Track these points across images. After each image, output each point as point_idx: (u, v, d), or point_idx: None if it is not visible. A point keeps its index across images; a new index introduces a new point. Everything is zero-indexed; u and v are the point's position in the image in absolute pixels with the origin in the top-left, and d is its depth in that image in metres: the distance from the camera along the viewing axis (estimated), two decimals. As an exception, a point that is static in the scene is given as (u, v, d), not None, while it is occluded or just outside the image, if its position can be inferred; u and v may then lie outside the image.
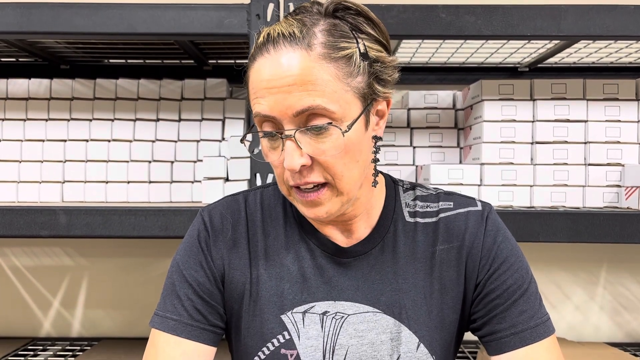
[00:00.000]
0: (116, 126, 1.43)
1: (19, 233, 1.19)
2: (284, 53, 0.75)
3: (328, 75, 0.74)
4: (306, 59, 0.74)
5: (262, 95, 0.76)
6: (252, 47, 0.85)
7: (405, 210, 0.88)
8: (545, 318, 0.85)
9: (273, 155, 0.79)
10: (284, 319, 0.84)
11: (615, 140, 1.34)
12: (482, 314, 0.86)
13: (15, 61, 1.66)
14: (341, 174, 0.77)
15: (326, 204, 0.78)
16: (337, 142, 0.76)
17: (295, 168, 0.75)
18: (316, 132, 0.75)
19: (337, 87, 0.75)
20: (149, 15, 1.20)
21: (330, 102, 0.74)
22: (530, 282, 0.86)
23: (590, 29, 1.20)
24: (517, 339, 0.83)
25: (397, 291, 0.84)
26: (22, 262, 1.76)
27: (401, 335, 0.83)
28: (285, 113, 0.75)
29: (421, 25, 1.19)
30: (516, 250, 0.87)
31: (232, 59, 1.62)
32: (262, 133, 0.78)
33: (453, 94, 1.51)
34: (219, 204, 0.90)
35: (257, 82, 0.77)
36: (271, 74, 0.75)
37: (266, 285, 0.85)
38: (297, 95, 0.74)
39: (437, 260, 0.86)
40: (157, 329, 0.85)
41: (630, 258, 1.74)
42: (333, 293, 0.84)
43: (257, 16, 1.20)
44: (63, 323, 1.76)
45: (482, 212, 0.87)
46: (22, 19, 1.20)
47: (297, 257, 0.86)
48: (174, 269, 0.88)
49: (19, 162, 1.42)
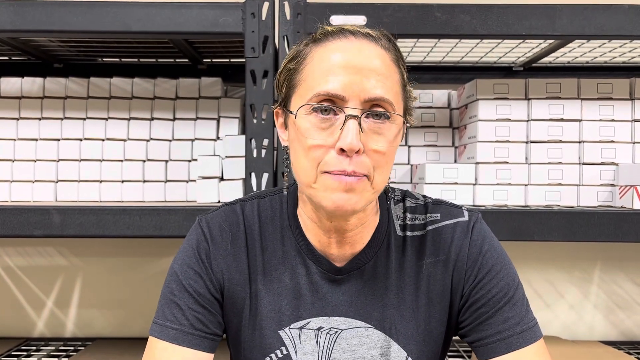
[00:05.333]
0: (110, 125, 1.42)
1: (12, 233, 1.18)
2: (364, 43, 0.79)
3: (396, 78, 0.81)
4: (385, 56, 0.80)
5: (336, 74, 0.76)
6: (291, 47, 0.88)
7: (397, 224, 0.89)
8: (532, 324, 0.85)
9: (320, 134, 0.77)
10: (281, 335, 0.85)
11: (610, 139, 1.34)
12: (468, 322, 0.87)
13: (8, 60, 1.65)
14: (382, 169, 0.79)
15: (358, 194, 0.77)
16: (392, 138, 0.79)
17: (355, 147, 0.75)
18: (376, 123, 0.77)
19: (399, 91, 0.81)
20: (143, 14, 1.19)
21: (395, 102, 0.79)
22: (516, 289, 0.86)
23: (585, 28, 1.20)
24: (503, 345, 0.84)
25: (387, 306, 0.86)
26: (15, 262, 1.75)
27: (390, 350, 0.85)
28: (358, 95, 0.76)
29: (416, 24, 1.19)
30: (502, 258, 0.87)
31: (227, 57, 1.61)
32: (319, 108, 0.77)
33: (448, 93, 1.51)
34: (217, 214, 0.89)
35: (331, 59, 0.78)
36: (351, 55, 0.77)
37: (264, 301, 0.86)
38: (374, 83, 0.76)
39: (424, 274, 0.87)
40: (156, 337, 0.85)
41: (624, 257, 1.74)
42: (327, 309, 0.86)
43: (252, 15, 1.20)
44: (57, 323, 1.75)
45: (468, 223, 0.88)
46: (15, 17, 1.19)
47: (294, 273, 0.87)
48: (172, 277, 0.87)
49: (12, 161, 1.42)
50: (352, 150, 0.75)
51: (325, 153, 0.77)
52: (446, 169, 1.34)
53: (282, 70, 0.85)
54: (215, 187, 1.34)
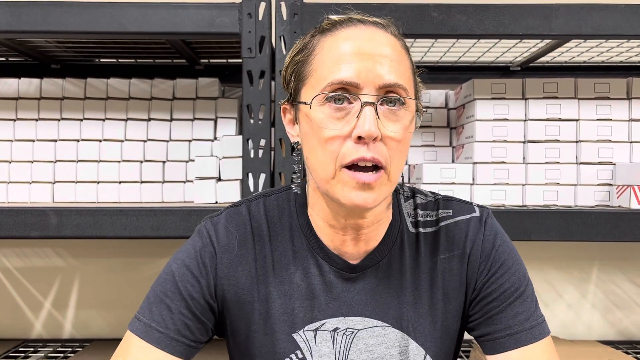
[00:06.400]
0: (107, 126, 1.42)
1: (8, 234, 1.17)
2: (375, 30, 0.79)
3: (408, 64, 0.81)
4: (396, 43, 0.80)
5: (348, 61, 0.76)
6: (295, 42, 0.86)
7: (408, 221, 0.88)
8: (540, 320, 0.85)
9: (335, 125, 0.76)
10: (295, 338, 0.83)
11: (607, 139, 1.34)
12: (478, 316, 0.86)
13: (5, 61, 1.64)
14: (398, 158, 0.78)
15: (377, 189, 0.76)
16: (407, 126, 0.78)
17: (374, 134, 0.73)
18: (391, 111, 0.77)
19: (411, 78, 0.81)
20: (140, 14, 1.19)
21: (409, 88, 0.79)
22: (527, 285, 0.86)
23: (582, 28, 1.20)
24: (512, 340, 0.83)
25: (404, 304, 0.84)
26: (13, 263, 1.74)
27: (409, 349, 0.83)
28: (372, 82, 0.75)
29: (413, 24, 1.19)
30: (514, 254, 0.87)
31: (224, 58, 1.61)
32: (333, 98, 0.76)
33: (445, 93, 1.51)
34: (222, 217, 0.86)
35: (342, 48, 0.77)
36: (363, 42, 0.77)
37: (276, 304, 0.83)
38: (388, 69, 0.76)
39: (439, 270, 0.86)
40: (138, 336, 0.81)
41: (621, 256, 1.74)
42: (343, 309, 0.83)
43: (248, 15, 1.19)
44: (54, 324, 1.74)
45: (481, 218, 0.88)
46: (11, 18, 1.19)
47: (306, 273, 0.84)
48: (168, 277, 0.83)
49: (9, 162, 1.41)
50: (371, 137, 0.74)
51: (342, 144, 0.75)
52: (444, 168, 1.34)
53: (288, 64, 0.83)
54: (213, 187, 1.34)
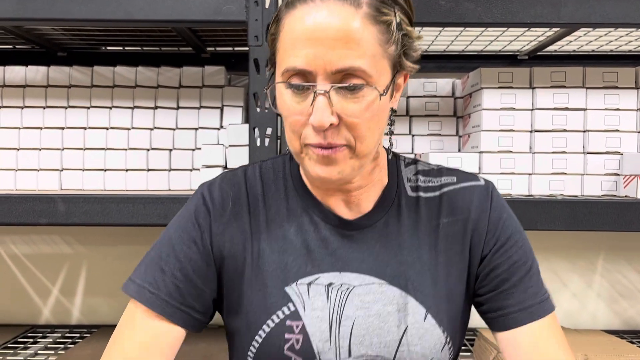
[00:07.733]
0: (114, 114, 1.42)
1: (17, 221, 1.18)
2: (331, 3, 0.73)
3: (371, 38, 0.74)
4: (354, 16, 0.73)
5: (300, 47, 0.73)
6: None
7: (407, 185, 0.88)
8: (547, 295, 0.86)
9: (296, 109, 0.76)
10: (288, 291, 0.81)
11: (614, 128, 1.33)
12: (488, 289, 0.85)
13: (12, 48, 1.65)
14: (364, 136, 0.76)
15: (340, 164, 0.76)
16: (370, 104, 0.75)
17: (325, 125, 0.73)
18: (350, 92, 0.74)
19: (377, 52, 0.75)
20: (146, 2, 1.19)
21: (370, 66, 0.74)
22: (533, 260, 0.87)
23: (591, 16, 1.19)
24: (525, 315, 0.83)
25: (402, 263, 0.83)
26: (21, 250, 1.76)
27: (408, 306, 0.81)
28: (324, 68, 0.73)
29: (421, 12, 1.18)
30: (520, 228, 0.87)
31: (231, 46, 1.61)
32: (290, 85, 0.75)
33: (452, 82, 1.50)
34: (218, 178, 0.88)
35: (295, 31, 0.74)
36: (315, 24, 0.73)
37: (269, 259, 0.83)
38: (340, 53, 0.72)
39: (442, 233, 0.85)
40: (133, 297, 0.83)
41: (627, 246, 1.74)
42: (338, 264, 0.82)
43: (255, 3, 1.19)
44: (62, 310, 1.76)
45: (487, 187, 0.87)
46: (18, 6, 1.19)
47: (300, 229, 0.84)
48: (164, 241, 0.85)
49: (17, 149, 1.42)
50: (322, 128, 0.73)
51: (304, 126, 0.76)
52: (450, 158, 1.34)
53: (268, 36, 0.82)
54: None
